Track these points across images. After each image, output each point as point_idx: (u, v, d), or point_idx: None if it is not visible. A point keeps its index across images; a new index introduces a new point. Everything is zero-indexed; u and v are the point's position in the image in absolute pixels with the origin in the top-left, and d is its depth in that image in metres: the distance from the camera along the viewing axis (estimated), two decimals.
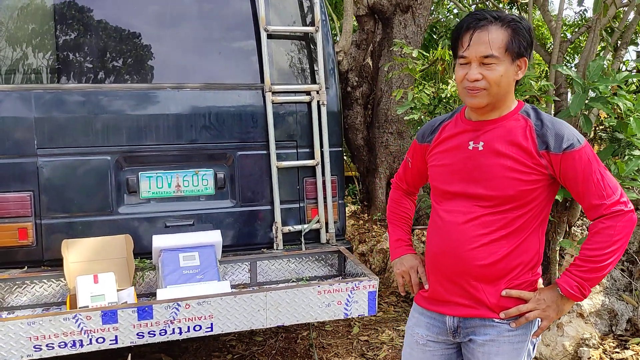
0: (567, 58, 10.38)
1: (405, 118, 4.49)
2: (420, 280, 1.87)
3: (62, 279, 3.02)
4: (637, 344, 3.25)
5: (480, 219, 1.66)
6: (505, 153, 1.64)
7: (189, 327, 2.67)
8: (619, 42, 5.74)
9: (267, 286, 3.21)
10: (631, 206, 1.61)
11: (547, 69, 5.21)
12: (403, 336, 3.71)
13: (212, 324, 2.69)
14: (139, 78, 3.23)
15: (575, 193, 1.64)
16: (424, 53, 4.73)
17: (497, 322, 1.66)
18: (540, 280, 1.74)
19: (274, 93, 3.35)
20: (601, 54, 5.57)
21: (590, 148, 1.64)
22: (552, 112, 4.74)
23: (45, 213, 3.07)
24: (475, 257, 1.65)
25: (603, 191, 1.60)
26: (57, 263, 3.03)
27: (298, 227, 3.42)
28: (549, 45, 8.91)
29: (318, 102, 3.43)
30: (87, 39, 3.15)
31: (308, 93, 3.44)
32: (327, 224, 3.48)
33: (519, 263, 1.66)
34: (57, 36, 3.11)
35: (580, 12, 11.61)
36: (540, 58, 8.83)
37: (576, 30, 8.97)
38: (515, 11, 9.72)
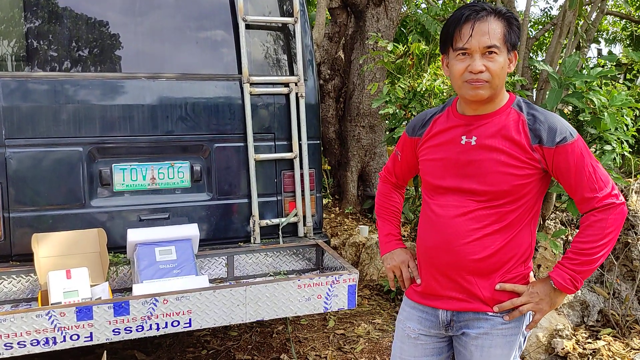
0: (532, 55, 10.61)
1: (380, 112, 4.50)
2: (412, 275, 1.85)
3: (32, 275, 2.90)
4: (608, 334, 3.34)
5: (474, 214, 1.65)
6: (499, 148, 1.64)
7: (166, 323, 2.60)
8: (582, 40, 5.88)
9: (246, 280, 3.16)
10: (622, 199, 1.63)
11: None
12: (379, 329, 3.73)
13: (190, 319, 2.63)
14: (113, 67, 3.12)
15: (568, 186, 1.66)
16: (399, 46, 4.74)
17: (491, 315, 1.67)
18: (532, 274, 1.75)
19: (251, 84, 3.29)
20: (564, 51, 5.69)
21: (582, 141, 1.65)
22: None
23: (13, 206, 2.95)
24: (469, 251, 1.64)
25: (595, 184, 1.61)
26: (26, 258, 2.91)
27: (276, 221, 3.38)
28: None
29: (296, 94, 3.39)
30: (58, 25, 3.03)
31: (286, 85, 3.39)
32: (304, 217, 3.45)
33: (512, 256, 1.67)
34: (26, 22, 2.97)
35: (545, 10, 11.86)
36: None
37: (541, 27, 9.16)
38: None
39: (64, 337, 2.46)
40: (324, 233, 3.58)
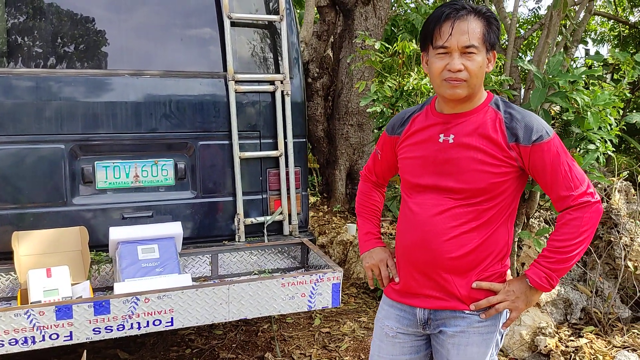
0: (521, 54, 10.66)
1: (368, 110, 4.50)
2: (390, 274, 1.85)
3: (12, 273, 2.87)
4: (591, 332, 3.36)
5: (451, 211, 1.65)
6: (475, 146, 1.64)
7: (148, 322, 2.58)
8: (569, 40, 5.90)
9: (229, 279, 3.14)
10: (598, 197, 1.63)
11: (501, 64, 5.31)
12: (365, 327, 3.73)
13: (172, 318, 2.61)
14: (96, 63, 3.09)
15: (544, 184, 1.66)
16: (387, 45, 4.74)
17: (467, 313, 1.67)
18: (509, 272, 1.76)
19: (237, 82, 3.27)
20: (551, 51, 5.72)
21: (558, 140, 1.65)
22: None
23: None
24: (447, 249, 1.64)
25: (571, 182, 1.62)
26: (6, 256, 2.88)
27: (261, 219, 3.37)
28: (503, 42, 9.11)
29: (282, 92, 3.38)
30: (41, 21, 3.00)
31: (272, 83, 3.38)
32: (290, 215, 3.44)
33: (489, 254, 1.67)
34: (8, 18, 2.94)
35: (534, 10, 11.92)
36: (500, 54, 9.03)
37: (529, 27, 9.19)
38: None
39: (43, 336, 2.44)
40: (309, 231, 3.57)
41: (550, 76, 3.26)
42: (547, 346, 3.18)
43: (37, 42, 2.99)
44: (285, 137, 3.39)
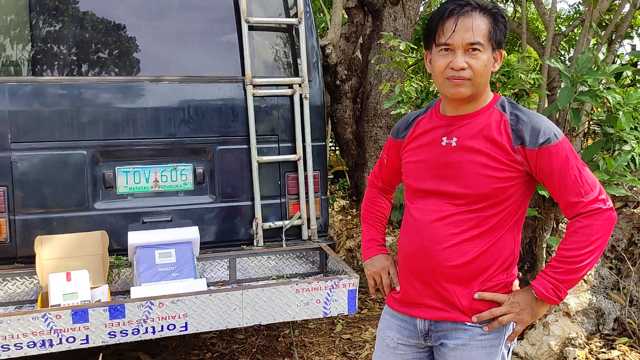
0: (562, 52, 10.30)
1: (393, 112, 4.42)
2: (392, 282, 1.79)
3: (35, 276, 2.94)
4: (624, 344, 3.19)
5: (452, 218, 1.58)
6: (479, 149, 1.57)
7: (162, 326, 2.59)
8: (613, 35, 5.66)
9: (245, 284, 3.13)
10: (610, 204, 1.53)
11: (541, 62, 5.14)
12: None
13: (186, 323, 2.62)
14: (116, 71, 3.14)
15: (552, 190, 1.57)
16: (412, 46, 4.65)
17: (469, 325, 1.59)
18: (517, 282, 1.67)
19: (255, 86, 3.27)
20: (595, 47, 5.49)
21: (568, 143, 1.56)
22: (545, 106, 4.67)
23: (19, 209, 3.00)
24: (447, 257, 1.57)
25: (581, 188, 1.52)
26: (31, 260, 2.95)
27: (279, 224, 3.35)
28: (543, 39, 8.82)
29: (300, 95, 3.35)
30: (63, 31, 3.07)
31: (290, 86, 3.36)
32: (309, 220, 3.40)
33: (492, 263, 1.59)
34: (32, 28, 3.02)
35: (575, 5, 11.53)
36: (534, 51, 8.75)
37: (570, 23, 8.88)
38: (509, 4, 9.62)
39: (60, 339, 2.48)
40: (329, 236, 3.53)
41: (579, 74, 3.12)
42: (576, 358, 3.04)
43: (60, 50, 3.06)
44: (303, 140, 3.36)
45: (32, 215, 3.02)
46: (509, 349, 1.66)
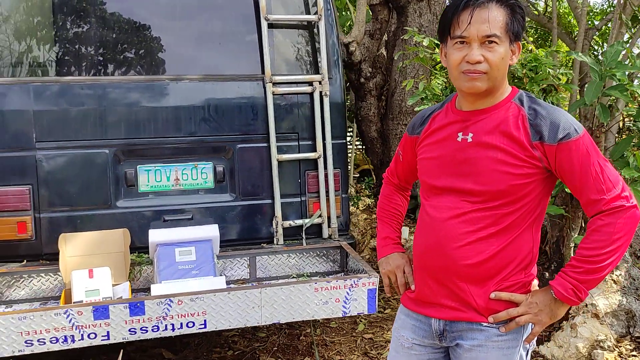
0: (595, 47, 10.02)
1: (417, 109, 4.36)
2: (407, 281, 1.75)
3: (60, 273, 2.99)
4: None
5: (468, 215, 1.54)
6: (495, 145, 1.52)
7: (181, 324, 2.60)
8: (627, 27, 5.48)
9: (264, 282, 3.12)
10: (634, 201, 1.47)
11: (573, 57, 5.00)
12: None
13: (205, 320, 2.62)
14: (137, 70, 3.17)
15: (572, 187, 1.51)
16: (437, 41, 4.58)
17: (486, 326, 1.55)
18: (536, 282, 1.62)
19: (274, 84, 3.25)
20: (630, 41, 5.32)
21: (589, 138, 1.50)
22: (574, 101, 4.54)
23: (44, 207, 3.05)
24: (462, 256, 1.53)
25: (602, 185, 1.46)
26: (56, 257, 2.99)
27: (299, 222, 3.33)
28: (575, 34, 8.60)
29: (320, 92, 3.33)
30: (85, 31, 3.10)
31: (310, 84, 3.34)
32: (329, 218, 3.38)
33: (510, 262, 1.54)
34: (55, 29, 3.07)
35: None
36: (567, 47, 8.54)
37: (604, 17, 8.65)
38: None
39: (82, 335, 2.51)
40: (350, 235, 3.50)
41: (608, 68, 3.02)
42: None
43: (83, 50, 3.10)
44: (324, 138, 3.34)
45: (56, 213, 3.07)
46: (528, 351, 1.60)
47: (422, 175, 1.69)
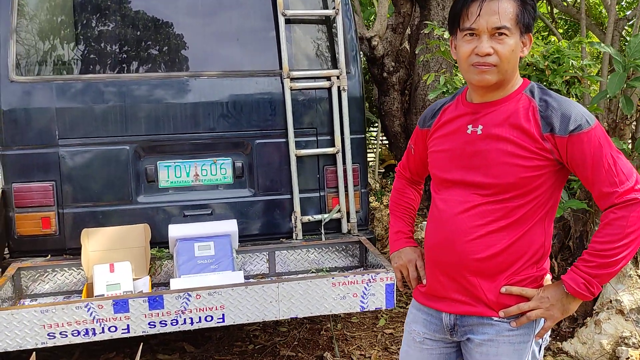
0: (627, 37, 9.74)
1: None
2: (419, 275, 1.74)
3: (82, 268, 3.05)
4: None
5: (478, 209, 1.52)
6: (505, 137, 1.50)
7: (200, 318, 2.64)
8: None
9: (283, 277, 3.14)
10: None
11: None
12: None
13: (223, 314, 2.65)
14: (156, 67, 3.21)
15: (585, 180, 1.48)
16: None
17: (496, 320, 1.52)
18: (549, 276, 1.59)
19: (292, 79, 3.26)
20: None
21: (601, 129, 1.47)
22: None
23: (67, 202, 3.11)
24: (472, 249, 1.51)
25: (615, 177, 1.43)
26: (79, 252, 3.06)
27: (318, 217, 3.33)
28: (606, 25, 8.37)
29: (338, 87, 3.32)
30: (105, 29, 3.16)
31: (328, 79, 3.33)
32: (348, 213, 3.37)
33: (521, 256, 1.51)
34: (76, 27, 3.13)
35: None
36: (596, 38, 8.33)
37: (635, 7, 8.39)
38: None
39: (103, 328, 2.56)
40: (369, 230, 3.49)
41: (632, 59, 2.94)
42: (629, 358, 2.88)
43: (103, 48, 3.16)
44: (342, 133, 3.33)
45: (79, 208, 3.13)
46: (540, 346, 1.58)
47: (433, 169, 1.67)
